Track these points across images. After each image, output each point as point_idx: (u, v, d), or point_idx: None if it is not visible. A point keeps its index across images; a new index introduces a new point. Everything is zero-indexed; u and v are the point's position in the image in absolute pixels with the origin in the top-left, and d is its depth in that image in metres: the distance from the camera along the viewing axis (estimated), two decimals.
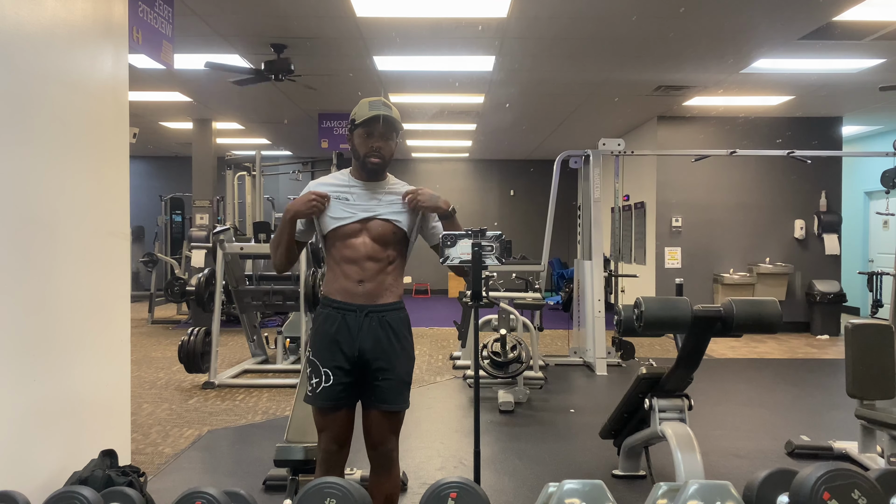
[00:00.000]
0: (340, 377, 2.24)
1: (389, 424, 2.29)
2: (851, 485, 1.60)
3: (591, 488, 1.71)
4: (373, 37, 5.51)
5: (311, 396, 2.28)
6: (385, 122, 2.28)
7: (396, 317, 2.30)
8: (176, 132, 10.32)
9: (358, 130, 2.31)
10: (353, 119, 2.32)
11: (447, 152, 12.78)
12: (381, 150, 2.29)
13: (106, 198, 2.98)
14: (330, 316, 2.27)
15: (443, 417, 4.76)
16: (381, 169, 2.32)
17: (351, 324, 2.24)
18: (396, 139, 2.36)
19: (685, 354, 2.90)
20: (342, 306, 2.26)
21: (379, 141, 2.29)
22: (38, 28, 2.49)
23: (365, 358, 2.24)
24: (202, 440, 4.20)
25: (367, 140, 2.29)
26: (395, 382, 2.26)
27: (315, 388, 2.26)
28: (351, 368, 2.25)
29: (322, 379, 2.24)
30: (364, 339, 2.23)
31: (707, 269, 8.76)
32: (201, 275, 6.37)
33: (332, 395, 2.24)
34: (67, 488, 1.83)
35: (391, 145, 2.33)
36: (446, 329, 8.56)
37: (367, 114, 2.28)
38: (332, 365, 2.24)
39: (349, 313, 2.25)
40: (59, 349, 2.62)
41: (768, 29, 5.26)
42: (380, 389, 2.25)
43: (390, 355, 2.25)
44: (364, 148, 2.30)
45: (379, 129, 2.28)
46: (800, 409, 5.08)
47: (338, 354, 2.24)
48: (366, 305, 2.25)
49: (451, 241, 2.16)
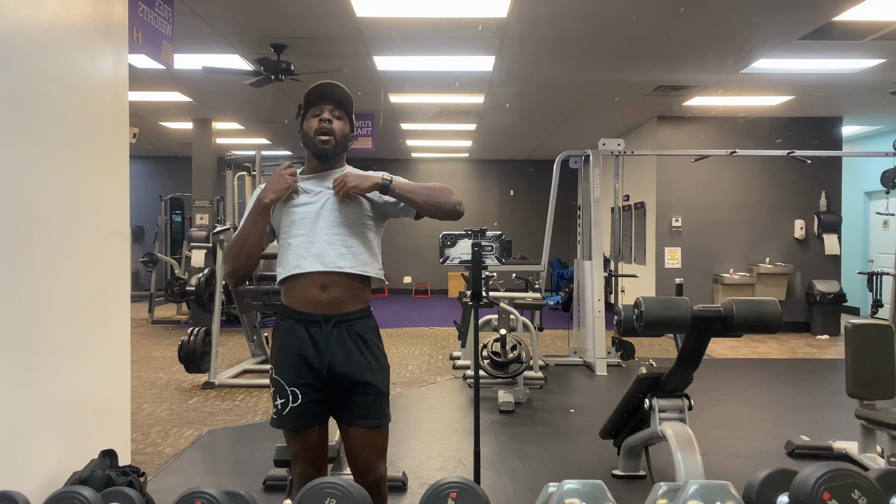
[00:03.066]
0: (309, 395, 2.03)
1: (373, 442, 2.08)
2: (851, 485, 1.60)
3: (591, 488, 1.71)
4: (373, 37, 5.51)
5: (277, 419, 2.06)
6: (332, 95, 2.07)
7: (365, 325, 2.08)
8: (176, 132, 10.32)
9: (307, 117, 2.09)
10: (300, 106, 2.12)
11: (447, 152, 12.78)
12: (332, 126, 2.06)
13: (106, 198, 2.98)
14: (293, 329, 2.05)
15: (443, 417, 4.76)
16: (333, 152, 2.08)
17: (317, 337, 2.02)
18: (351, 126, 2.13)
19: (685, 354, 2.90)
20: (305, 317, 2.03)
21: (327, 116, 2.06)
22: (38, 28, 2.49)
23: (336, 373, 2.02)
24: (202, 440, 4.20)
25: (315, 116, 2.07)
26: (373, 396, 2.05)
27: (281, 409, 2.04)
28: (320, 386, 2.04)
29: (289, 399, 2.02)
30: (333, 353, 2.02)
31: (707, 269, 8.77)
32: (201, 275, 6.37)
33: (301, 414, 2.04)
34: (67, 488, 1.83)
35: (343, 125, 2.09)
36: (446, 329, 8.56)
37: (313, 90, 2.08)
38: (298, 383, 2.03)
39: (314, 325, 2.03)
40: (59, 349, 2.62)
41: (768, 29, 5.26)
42: (358, 405, 2.05)
43: (364, 368, 2.04)
44: (312, 124, 2.06)
45: (329, 105, 2.07)
46: (800, 409, 5.08)
47: (304, 371, 2.03)
48: (332, 315, 2.02)
49: (451, 241, 2.16)
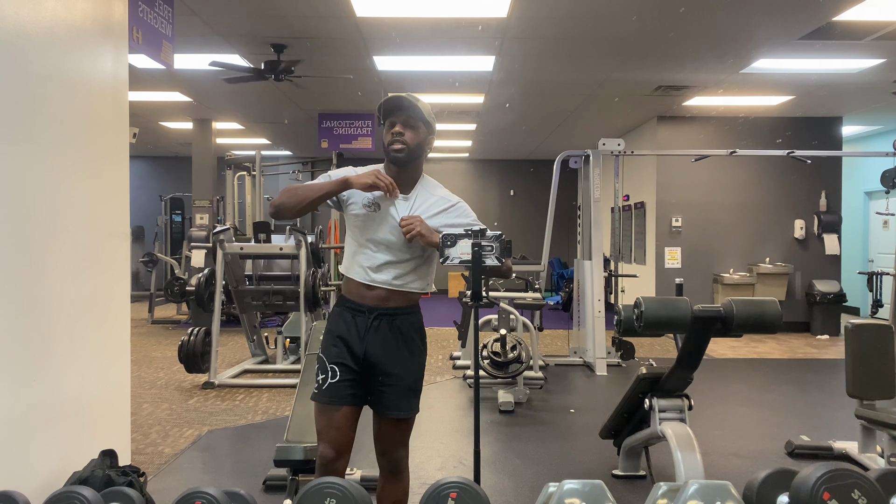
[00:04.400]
0: (346, 374, 2.19)
1: (396, 431, 2.24)
2: (851, 485, 1.60)
3: (591, 488, 1.71)
4: (373, 37, 5.51)
5: (317, 393, 2.23)
6: (405, 107, 2.19)
7: (407, 321, 2.24)
8: (176, 132, 10.32)
9: (384, 126, 2.24)
10: (378, 115, 2.26)
11: (447, 152, 12.78)
12: (404, 137, 2.18)
13: (106, 198, 2.98)
14: (341, 315, 2.24)
15: (443, 417, 4.76)
16: (406, 159, 2.21)
17: (360, 325, 2.20)
18: (426, 130, 2.25)
19: (685, 354, 2.90)
20: (353, 306, 2.22)
21: (400, 127, 2.19)
22: (38, 28, 2.49)
23: (370, 361, 2.19)
24: (202, 440, 4.20)
25: (389, 129, 2.21)
26: (401, 389, 2.21)
27: (321, 384, 2.21)
28: (357, 369, 2.20)
29: (328, 375, 2.19)
30: (371, 342, 2.19)
31: (707, 269, 8.76)
32: (201, 275, 6.36)
33: (337, 391, 2.19)
34: (67, 488, 1.83)
35: (418, 134, 2.22)
36: (446, 329, 8.56)
37: (385, 103, 2.21)
38: (338, 361, 2.19)
39: (359, 314, 2.21)
40: (59, 349, 2.62)
41: (768, 29, 5.26)
42: (384, 395, 2.21)
43: (397, 361, 2.20)
44: (386, 138, 2.22)
45: (401, 117, 2.20)
46: (800, 409, 5.08)
47: (344, 352, 2.20)
48: (376, 307, 2.20)
49: (451, 241, 2.15)
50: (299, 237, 5.73)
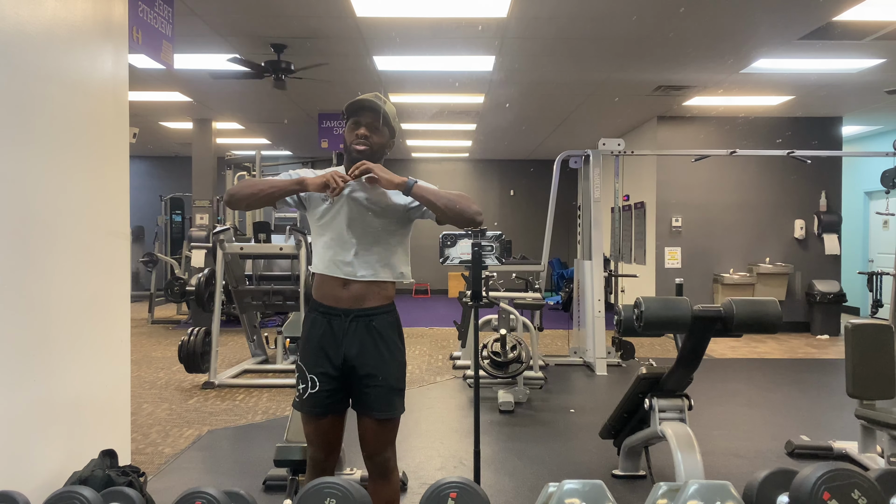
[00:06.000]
0: (326, 384, 2.19)
1: (382, 433, 2.22)
2: (851, 485, 1.60)
3: (591, 488, 1.71)
4: (373, 37, 5.51)
5: (299, 402, 2.24)
6: (369, 108, 2.20)
7: (384, 321, 2.21)
8: (176, 132, 10.32)
9: (348, 123, 2.25)
10: (342, 112, 2.28)
11: (447, 152, 12.78)
12: (369, 138, 2.19)
13: (106, 198, 2.97)
14: (316, 321, 2.22)
15: (443, 417, 4.76)
16: (367, 160, 2.18)
17: (336, 329, 2.18)
18: (389, 133, 2.27)
19: (685, 354, 2.90)
20: (328, 311, 2.20)
21: (364, 129, 2.20)
22: (38, 28, 2.49)
23: (350, 364, 2.18)
24: (202, 440, 4.20)
25: (353, 129, 2.22)
26: (383, 390, 2.19)
27: (302, 394, 2.22)
28: (337, 375, 2.19)
29: (308, 385, 2.19)
30: (349, 345, 2.17)
31: (707, 269, 8.77)
32: (201, 275, 6.37)
33: (318, 401, 2.20)
34: (67, 488, 1.83)
35: (381, 137, 2.24)
36: (446, 329, 8.56)
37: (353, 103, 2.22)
38: (317, 371, 2.19)
39: (335, 318, 2.19)
40: (59, 349, 2.62)
41: (768, 29, 5.26)
42: (368, 397, 2.19)
43: (377, 361, 2.18)
44: (350, 137, 2.22)
45: (365, 118, 2.20)
46: (800, 409, 5.08)
47: (323, 359, 2.18)
48: (352, 309, 2.18)
49: (452, 241, 2.15)
50: (299, 237, 5.73)
